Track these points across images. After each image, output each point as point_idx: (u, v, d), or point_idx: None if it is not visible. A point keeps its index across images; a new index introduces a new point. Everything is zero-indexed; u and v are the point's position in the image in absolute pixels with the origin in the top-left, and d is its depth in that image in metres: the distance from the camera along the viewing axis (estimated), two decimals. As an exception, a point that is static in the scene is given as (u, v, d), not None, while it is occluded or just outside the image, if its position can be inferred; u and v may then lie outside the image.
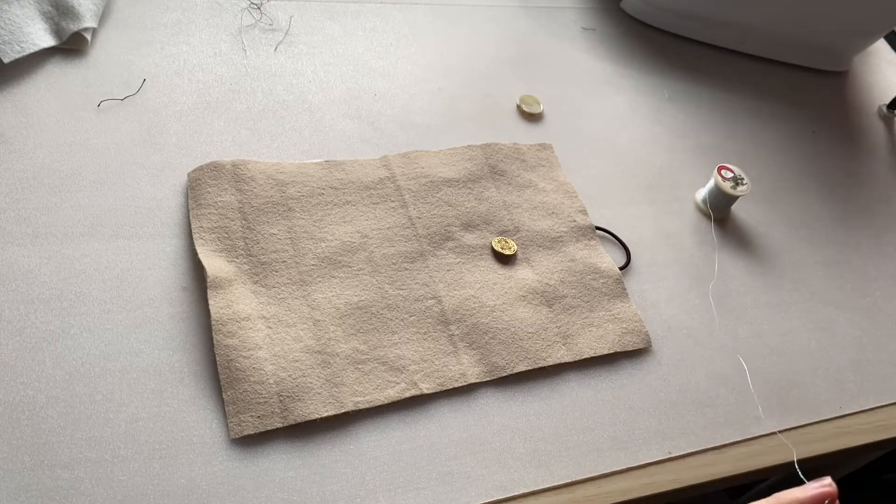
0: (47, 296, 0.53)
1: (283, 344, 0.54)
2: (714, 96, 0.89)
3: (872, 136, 0.94)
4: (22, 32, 0.63)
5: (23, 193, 0.57)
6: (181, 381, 0.51)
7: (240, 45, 0.74)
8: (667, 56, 0.92)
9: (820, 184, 0.85)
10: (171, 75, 0.69)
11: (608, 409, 0.58)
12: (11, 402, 0.48)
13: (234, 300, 0.55)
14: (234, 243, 0.58)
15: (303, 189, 0.63)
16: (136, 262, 0.56)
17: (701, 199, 0.76)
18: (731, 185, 0.74)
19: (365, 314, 0.58)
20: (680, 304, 0.67)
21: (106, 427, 0.48)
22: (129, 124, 0.64)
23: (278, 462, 0.50)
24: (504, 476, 0.53)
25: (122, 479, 0.47)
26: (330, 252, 0.60)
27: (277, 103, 0.70)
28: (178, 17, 0.74)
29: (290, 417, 0.51)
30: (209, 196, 0.60)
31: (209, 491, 0.47)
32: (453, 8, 0.87)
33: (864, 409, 0.65)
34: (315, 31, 0.78)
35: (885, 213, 0.84)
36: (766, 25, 0.93)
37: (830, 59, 0.99)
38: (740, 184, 0.74)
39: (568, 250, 0.67)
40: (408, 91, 0.76)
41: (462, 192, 0.68)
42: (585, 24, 0.92)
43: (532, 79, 0.82)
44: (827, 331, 0.69)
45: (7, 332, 0.50)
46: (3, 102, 0.62)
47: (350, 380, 0.54)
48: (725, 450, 0.59)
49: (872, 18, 0.93)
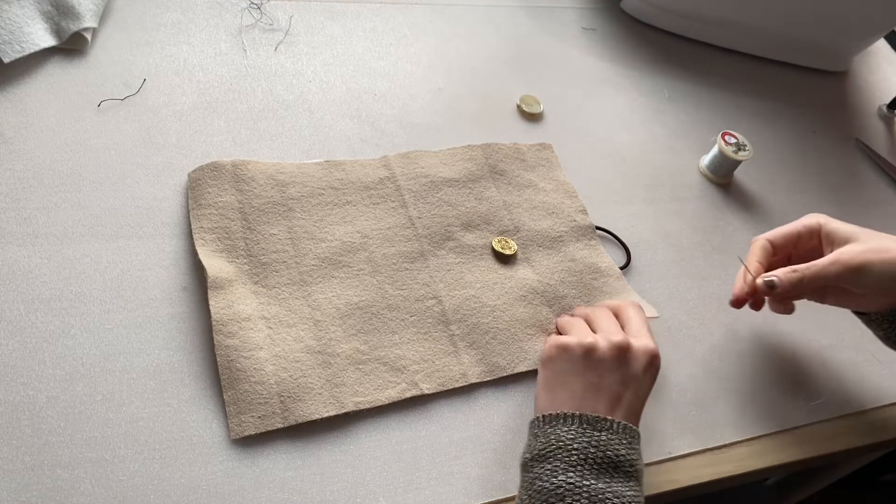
0: (47, 296, 0.53)
1: (283, 344, 0.54)
2: (714, 96, 0.89)
3: (872, 136, 0.94)
4: (22, 32, 0.63)
5: (23, 193, 0.57)
6: (181, 381, 0.51)
7: (240, 45, 0.74)
8: (667, 56, 0.92)
9: (820, 184, 0.85)
10: (171, 75, 0.69)
11: (608, 409, 0.58)
12: (11, 402, 0.48)
13: (234, 300, 0.55)
14: (235, 243, 0.58)
15: (303, 189, 0.63)
16: (136, 262, 0.56)
17: (704, 164, 0.79)
18: (733, 150, 0.76)
19: (365, 314, 0.58)
20: (680, 304, 0.67)
21: (106, 427, 0.48)
22: (129, 124, 0.64)
23: (278, 462, 0.50)
24: (504, 476, 0.53)
25: (122, 479, 0.47)
26: (330, 252, 0.60)
27: (277, 103, 0.70)
28: (178, 17, 0.74)
29: (290, 418, 0.51)
30: (209, 196, 0.60)
31: (209, 491, 0.47)
32: (453, 8, 0.87)
33: (865, 408, 0.65)
34: (315, 31, 0.78)
35: (886, 213, 0.84)
36: (766, 25, 0.93)
37: (830, 59, 0.99)
38: (742, 149, 0.77)
39: (568, 250, 0.67)
40: (408, 91, 0.76)
41: (462, 192, 0.68)
42: (585, 24, 0.92)
43: (532, 79, 0.82)
44: (826, 332, 0.69)
45: (7, 332, 0.50)
46: (3, 102, 0.62)
47: (351, 380, 0.54)
48: (725, 450, 0.59)
49: (872, 18, 0.93)
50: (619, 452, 0.48)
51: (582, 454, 0.47)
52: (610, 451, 0.48)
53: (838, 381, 0.66)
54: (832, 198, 0.83)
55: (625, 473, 0.48)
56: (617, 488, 0.46)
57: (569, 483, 0.46)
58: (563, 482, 0.46)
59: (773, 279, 0.57)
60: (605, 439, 0.48)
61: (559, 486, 0.46)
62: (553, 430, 0.49)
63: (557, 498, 0.46)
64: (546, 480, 0.47)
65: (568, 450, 0.47)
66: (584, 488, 0.46)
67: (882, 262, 0.55)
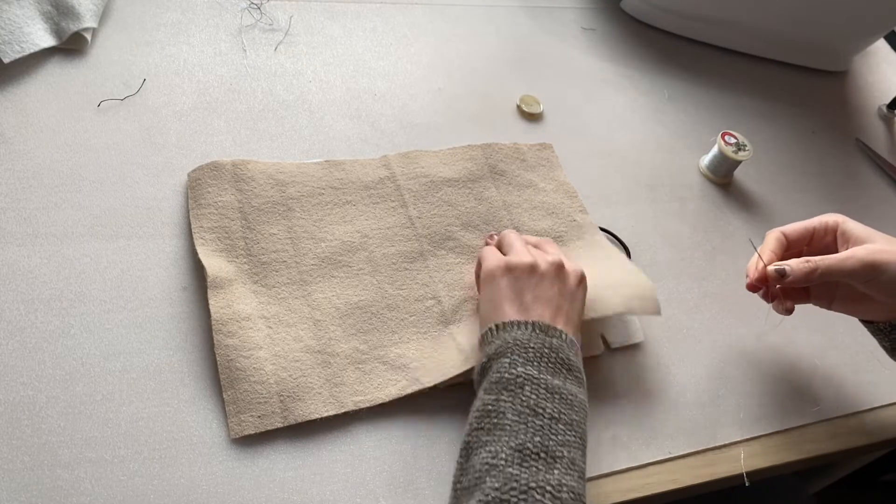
0: (47, 296, 0.53)
1: (283, 344, 0.54)
2: (714, 96, 0.89)
3: (872, 136, 0.94)
4: (22, 32, 0.63)
5: (23, 193, 0.57)
6: (181, 381, 0.51)
7: (240, 45, 0.74)
8: (667, 56, 0.92)
9: (820, 184, 0.85)
10: (171, 75, 0.69)
11: (608, 409, 0.58)
12: (11, 402, 0.48)
13: (234, 300, 0.55)
14: (235, 243, 0.58)
15: (303, 189, 0.63)
16: (136, 262, 0.56)
17: (704, 164, 0.79)
18: (733, 150, 0.76)
19: (365, 314, 0.58)
20: (680, 304, 0.67)
21: (106, 427, 0.48)
22: (129, 124, 0.64)
23: (278, 462, 0.50)
24: (504, 476, 0.52)
25: (122, 479, 0.47)
26: (330, 252, 0.60)
27: (277, 103, 0.70)
28: (178, 17, 0.74)
29: (290, 417, 0.51)
30: (209, 196, 0.60)
31: (209, 491, 0.47)
32: (453, 8, 0.87)
33: (864, 409, 0.65)
34: (315, 31, 0.78)
35: (886, 213, 0.84)
36: (766, 25, 0.93)
37: (830, 59, 0.99)
38: (742, 149, 0.77)
39: (568, 250, 0.66)
40: (408, 91, 0.76)
41: (462, 192, 0.68)
42: (585, 24, 0.92)
43: (532, 79, 0.82)
44: (825, 334, 0.69)
45: (7, 332, 0.50)
46: (3, 102, 0.62)
47: (350, 379, 0.54)
48: (725, 450, 0.59)
49: (872, 18, 0.93)
50: (569, 357, 0.50)
51: (537, 352, 0.49)
52: (562, 354, 0.49)
53: (839, 381, 0.66)
54: (832, 198, 0.83)
55: (576, 378, 0.49)
56: (571, 388, 0.48)
57: (527, 374, 0.47)
58: (521, 373, 0.48)
59: (784, 267, 0.56)
60: (557, 344, 0.50)
61: (519, 375, 0.47)
62: (508, 334, 0.50)
63: (517, 386, 0.47)
64: (505, 371, 0.48)
65: (524, 347, 0.49)
66: (542, 380, 0.47)
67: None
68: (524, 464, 0.43)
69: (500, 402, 0.47)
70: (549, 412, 0.46)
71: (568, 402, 0.47)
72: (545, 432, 0.45)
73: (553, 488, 0.42)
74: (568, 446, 0.45)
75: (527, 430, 0.45)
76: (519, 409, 0.46)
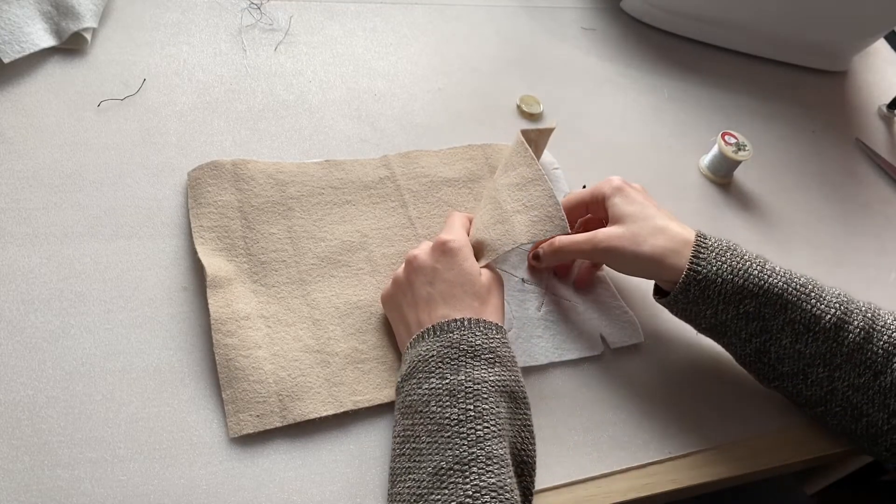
0: (47, 296, 0.53)
1: (282, 343, 0.54)
2: (714, 96, 0.89)
3: (872, 136, 0.94)
4: (22, 32, 0.63)
5: (23, 193, 0.57)
6: (181, 381, 0.51)
7: (240, 45, 0.74)
8: (667, 56, 0.92)
9: (820, 184, 0.85)
10: (171, 75, 0.69)
11: (608, 409, 0.58)
12: (11, 402, 0.48)
13: (233, 299, 0.55)
14: (234, 242, 0.58)
15: (303, 189, 0.63)
16: (136, 262, 0.56)
17: (704, 164, 0.79)
18: (733, 150, 0.76)
19: (364, 314, 0.58)
20: (680, 303, 0.67)
21: (106, 427, 0.48)
22: (129, 124, 0.64)
23: (278, 462, 0.50)
24: (504, 476, 0.52)
25: (122, 479, 0.47)
26: (330, 251, 0.60)
27: (277, 103, 0.70)
28: (178, 17, 0.74)
29: (289, 416, 0.51)
30: (209, 195, 0.60)
31: (209, 491, 0.47)
32: (453, 8, 0.87)
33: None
34: (315, 31, 0.78)
35: (886, 214, 0.84)
36: (766, 25, 0.93)
37: (830, 59, 0.99)
38: (742, 149, 0.77)
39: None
40: (408, 91, 0.76)
41: (462, 192, 0.68)
42: (585, 24, 0.92)
43: (532, 79, 0.82)
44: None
45: (7, 332, 0.50)
46: (3, 102, 0.62)
47: (349, 379, 0.54)
48: (725, 450, 0.59)
49: (872, 18, 0.93)
50: (473, 343, 0.50)
51: (438, 359, 0.49)
52: (464, 344, 0.50)
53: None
54: (832, 197, 0.83)
55: (486, 361, 0.50)
56: (477, 375, 0.48)
57: (430, 389, 0.48)
58: (426, 391, 0.48)
59: (539, 251, 0.62)
60: (457, 338, 0.50)
61: (424, 394, 0.48)
62: (413, 350, 0.51)
63: (423, 405, 0.48)
64: (413, 394, 0.49)
65: (426, 360, 0.50)
66: (443, 388, 0.48)
67: (632, 253, 0.56)
68: (443, 486, 0.44)
69: (415, 426, 0.48)
70: (456, 417, 0.47)
71: (473, 394, 0.47)
72: (455, 441, 0.46)
73: (471, 498, 0.43)
74: (481, 442, 0.45)
75: (439, 448, 0.46)
76: (430, 428, 0.47)
